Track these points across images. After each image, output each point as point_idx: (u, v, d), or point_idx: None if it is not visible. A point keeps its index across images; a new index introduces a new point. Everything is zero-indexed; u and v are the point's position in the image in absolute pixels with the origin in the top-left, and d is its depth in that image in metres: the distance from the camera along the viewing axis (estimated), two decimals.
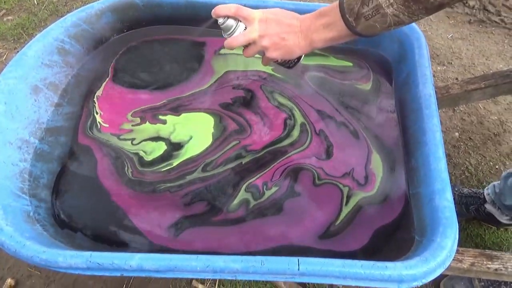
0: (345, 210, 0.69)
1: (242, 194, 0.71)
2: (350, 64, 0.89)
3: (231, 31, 0.65)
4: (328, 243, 0.66)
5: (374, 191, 0.71)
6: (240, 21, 0.65)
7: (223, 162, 0.75)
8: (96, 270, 0.58)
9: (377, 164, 0.74)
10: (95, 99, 0.84)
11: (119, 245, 0.67)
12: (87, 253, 0.57)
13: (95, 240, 0.67)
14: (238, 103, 0.85)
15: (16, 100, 0.76)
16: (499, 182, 1.05)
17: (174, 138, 0.79)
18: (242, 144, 0.78)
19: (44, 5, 1.86)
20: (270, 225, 0.67)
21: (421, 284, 0.56)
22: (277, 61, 0.70)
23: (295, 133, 0.80)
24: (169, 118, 0.82)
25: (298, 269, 0.55)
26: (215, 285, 1.14)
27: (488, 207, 1.09)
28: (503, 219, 1.09)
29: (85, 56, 0.91)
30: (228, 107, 0.84)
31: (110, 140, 0.78)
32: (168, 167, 0.75)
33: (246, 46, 0.67)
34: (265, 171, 0.74)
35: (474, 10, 1.80)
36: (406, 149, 0.76)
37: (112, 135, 0.79)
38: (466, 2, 1.81)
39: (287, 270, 0.55)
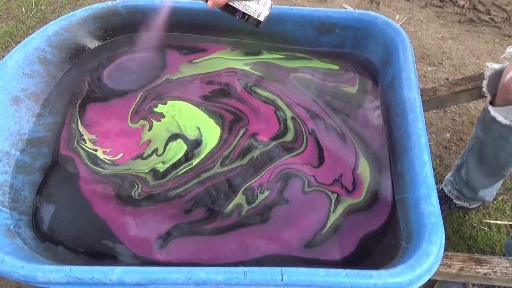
0: (332, 218, 0.68)
1: (239, 198, 0.70)
2: (336, 67, 0.88)
3: None
4: (314, 252, 0.65)
5: (361, 197, 0.70)
6: None
7: (239, 155, 0.76)
8: (76, 284, 0.56)
9: (364, 169, 0.73)
10: (77, 109, 0.83)
11: (103, 258, 0.65)
12: (66, 268, 0.56)
13: (78, 253, 0.66)
14: (218, 95, 0.86)
15: None
16: (451, 176, 1.08)
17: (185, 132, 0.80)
18: (250, 131, 0.79)
19: (32, 13, 1.85)
20: (257, 234, 0.66)
21: None
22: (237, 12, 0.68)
23: (290, 125, 0.80)
24: (160, 109, 0.83)
25: (282, 280, 0.54)
26: None
27: (458, 202, 1.11)
28: (473, 206, 1.13)
29: (67, 65, 0.90)
30: (210, 99, 0.85)
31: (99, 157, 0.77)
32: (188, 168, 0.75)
33: None
34: (264, 173, 0.74)
35: (464, 10, 1.79)
36: (392, 153, 0.75)
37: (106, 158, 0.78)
38: (456, 2, 1.81)
39: (270, 281, 0.54)
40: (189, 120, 0.81)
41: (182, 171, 0.74)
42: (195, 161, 0.75)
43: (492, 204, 1.20)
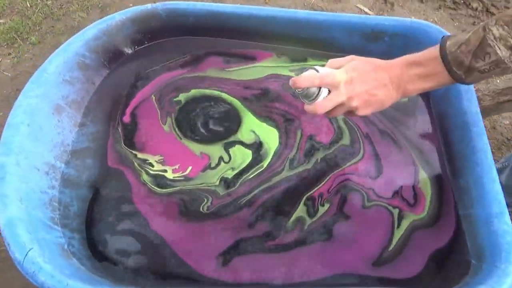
0: (397, 234, 0.66)
1: (300, 209, 0.69)
2: None
3: (312, 97, 0.59)
4: (383, 270, 0.63)
5: (424, 213, 0.68)
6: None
7: (305, 157, 0.75)
8: None
9: (424, 182, 0.72)
10: (119, 117, 0.80)
11: (165, 278, 0.63)
12: None
13: (137, 273, 0.63)
14: (261, 99, 0.84)
15: (39, 120, 0.71)
16: None
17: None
18: (307, 133, 0.79)
19: (38, 8, 1.78)
20: (321, 252, 0.64)
21: None
22: None
23: (344, 127, 0.80)
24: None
25: None
26: None
27: None
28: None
29: (106, 70, 0.86)
30: (253, 102, 0.83)
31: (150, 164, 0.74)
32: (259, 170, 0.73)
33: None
34: (326, 180, 0.72)
35: (477, 12, 1.80)
36: (451, 167, 0.74)
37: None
38: (470, 4, 1.81)
39: None
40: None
41: (253, 175, 0.72)
42: (265, 163, 0.74)
43: None
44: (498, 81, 1.59)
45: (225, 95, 0.84)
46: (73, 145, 0.75)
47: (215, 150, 0.76)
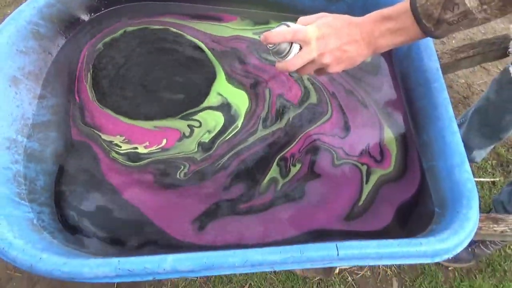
0: (366, 189, 0.69)
1: (273, 170, 0.70)
2: None
3: (284, 54, 0.58)
4: (354, 224, 0.66)
5: (391, 168, 0.71)
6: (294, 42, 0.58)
7: (277, 116, 0.76)
8: (126, 276, 0.54)
9: (389, 139, 0.74)
10: (76, 89, 0.77)
11: (142, 247, 0.63)
12: (114, 260, 0.53)
13: (113, 243, 0.63)
14: (227, 55, 0.84)
15: None
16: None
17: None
18: (276, 93, 0.79)
19: None
20: (294, 211, 0.66)
21: (451, 256, 0.58)
22: None
23: (310, 87, 0.80)
24: None
25: (338, 255, 0.55)
26: None
27: None
28: None
29: (62, 39, 0.82)
30: (220, 55, 0.83)
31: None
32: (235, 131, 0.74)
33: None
34: (297, 140, 0.73)
35: None
36: (414, 123, 0.76)
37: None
38: None
39: (326, 257, 0.55)
40: None
41: (229, 136, 0.73)
42: (239, 123, 0.74)
43: (475, 163, 1.28)
44: (453, 41, 1.65)
45: (191, 38, 0.83)
46: (34, 118, 0.72)
47: (181, 124, 0.75)
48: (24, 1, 0.79)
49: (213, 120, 0.75)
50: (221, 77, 0.80)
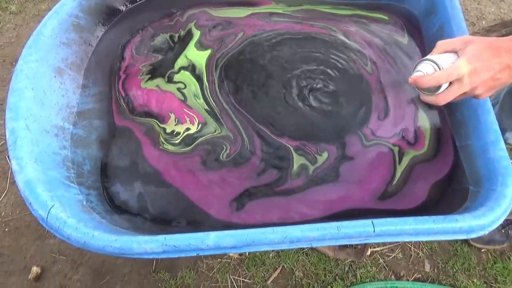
0: (399, 169, 0.70)
1: (297, 159, 0.71)
2: (386, 17, 0.87)
3: (434, 90, 0.60)
4: (389, 203, 0.67)
5: (424, 148, 0.72)
6: None
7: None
8: (172, 252, 0.57)
9: (424, 121, 0.75)
10: (118, 78, 0.81)
11: (182, 225, 0.66)
12: (161, 237, 0.56)
13: (156, 222, 0.66)
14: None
15: (42, 84, 0.71)
16: None
17: None
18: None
19: None
20: (329, 192, 0.68)
21: (487, 232, 0.59)
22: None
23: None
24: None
25: (374, 231, 0.56)
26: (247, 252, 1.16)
27: None
28: None
29: (101, 30, 0.85)
30: None
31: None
32: None
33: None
34: None
35: None
36: (447, 103, 0.76)
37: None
38: None
39: (363, 233, 0.57)
40: None
41: None
42: None
43: (508, 145, 1.26)
44: (483, 22, 1.61)
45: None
46: (78, 107, 0.76)
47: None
48: None
49: None
50: None
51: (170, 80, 0.80)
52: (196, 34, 0.86)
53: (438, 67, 0.60)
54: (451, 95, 0.59)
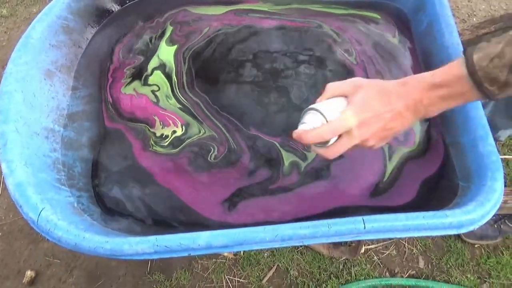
0: (390, 167, 0.70)
1: (286, 157, 0.71)
2: (378, 16, 0.87)
3: (323, 144, 0.53)
4: (380, 200, 0.67)
5: (414, 146, 0.72)
6: None
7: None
8: (164, 253, 0.57)
9: None
10: (106, 80, 0.81)
11: (176, 226, 0.66)
12: (152, 238, 0.56)
13: (149, 224, 0.66)
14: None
15: (31, 86, 0.71)
16: None
17: None
18: None
19: None
20: (321, 189, 0.68)
21: (478, 227, 0.59)
22: None
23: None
24: None
25: (364, 228, 0.57)
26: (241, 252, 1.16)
27: None
28: None
29: (91, 32, 0.85)
30: None
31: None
32: None
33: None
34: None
35: None
36: None
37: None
38: None
39: (354, 230, 0.57)
40: None
41: None
42: None
43: (499, 142, 1.27)
44: (474, 19, 1.62)
45: None
46: (68, 109, 0.76)
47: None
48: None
49: None
50: None
51: (145, 83, 0.80)
52: (169, 31, 0.86)
53: (325, 118, 0.53)
54: (341, 148, 0.52)
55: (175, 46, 0.83)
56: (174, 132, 0.73)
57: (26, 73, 0.71)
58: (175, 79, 0.78)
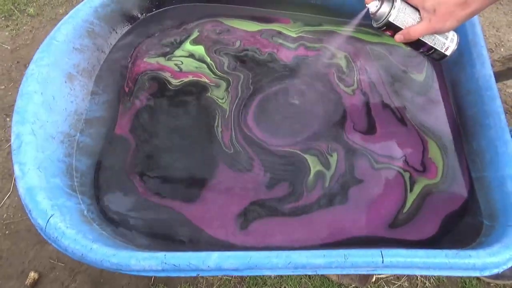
0: (411, 198, 0.67)
1: (314, 165, 0.70)
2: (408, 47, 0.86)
3: (383, 18, 0.59)
4: (399, 232, 0.65)
5: (438, 178, 0.69)
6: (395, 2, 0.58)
7: None
8: (172, 271, 0.55)
9: (435, 152, 0.72)
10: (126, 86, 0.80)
11: (182, 243, 0.64)
12: (160, 254, 0.54)
13: (154, 239, 0.64)
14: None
15: (51, 89, 0.70)
16: None
17: None
18: None
19: None
20: (338, 215, 0.66)
21: (502, 271, 0.56)
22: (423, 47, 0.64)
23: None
24: None
25: (382, 262, 0.54)
26: None
27: None
28: None
29: (115, 38, 0.85)
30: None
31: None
32: None
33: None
34: None
35: None
36: (464, 132, 0.74)
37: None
38: None
39: (371, 263, 0.54)
40: None
41: None
42: None
43: None
44: (502, 49, 1.59)
45: None
46: (86, 114, 0.75)
47: None
48: (78, 1, 0.82)
49: None
50: None
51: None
52: (194, 34, 0.88)
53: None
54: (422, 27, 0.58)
55: (201, 46, 0.85)
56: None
57: (48, 75, 0.70)
58: (211, 62, 0.82)
